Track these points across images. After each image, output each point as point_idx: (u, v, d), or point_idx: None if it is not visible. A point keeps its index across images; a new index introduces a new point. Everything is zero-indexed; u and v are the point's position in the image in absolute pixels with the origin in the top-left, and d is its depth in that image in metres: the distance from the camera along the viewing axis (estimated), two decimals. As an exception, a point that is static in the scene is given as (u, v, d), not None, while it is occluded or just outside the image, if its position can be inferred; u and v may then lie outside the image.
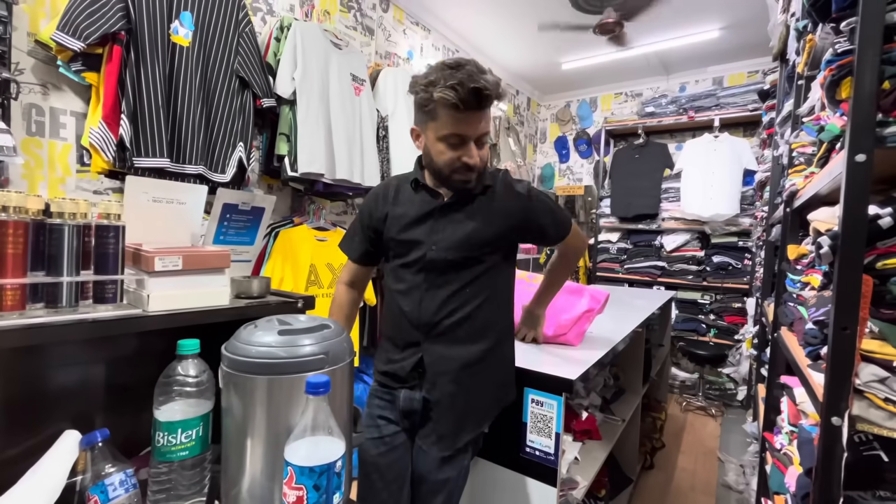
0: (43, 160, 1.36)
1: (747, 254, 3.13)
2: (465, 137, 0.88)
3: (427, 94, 0.86)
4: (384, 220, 1.00)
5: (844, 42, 0.78)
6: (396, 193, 1.02)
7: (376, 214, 1.02)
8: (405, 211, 0.99)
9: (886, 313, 0.70)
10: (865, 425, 0.70)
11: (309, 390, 0.55)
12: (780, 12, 1.81)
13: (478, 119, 0.87)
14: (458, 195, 0.97)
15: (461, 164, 0.90)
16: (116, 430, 0.68)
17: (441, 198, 0.98)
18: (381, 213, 1.01)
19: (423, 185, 0.99)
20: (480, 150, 0.91)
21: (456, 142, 0.88)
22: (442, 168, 0.92)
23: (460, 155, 0.89)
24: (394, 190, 1.02)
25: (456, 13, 2.86)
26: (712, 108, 3.37)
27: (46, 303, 0.63)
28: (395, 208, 1.00)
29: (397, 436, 0.99)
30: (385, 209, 1.01)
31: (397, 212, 0.99)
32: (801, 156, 1.32)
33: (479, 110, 0.86)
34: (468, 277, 0.96)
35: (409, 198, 1.00)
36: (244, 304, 0.81)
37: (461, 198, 0.97)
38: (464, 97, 0.82)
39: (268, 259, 1.80)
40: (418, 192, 0.99)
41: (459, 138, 0.88)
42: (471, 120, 0.86)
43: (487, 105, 0.87)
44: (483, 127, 0.89)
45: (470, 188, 0.95)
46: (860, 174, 0.70)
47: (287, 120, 1.78)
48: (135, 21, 1.36)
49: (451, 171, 0.91)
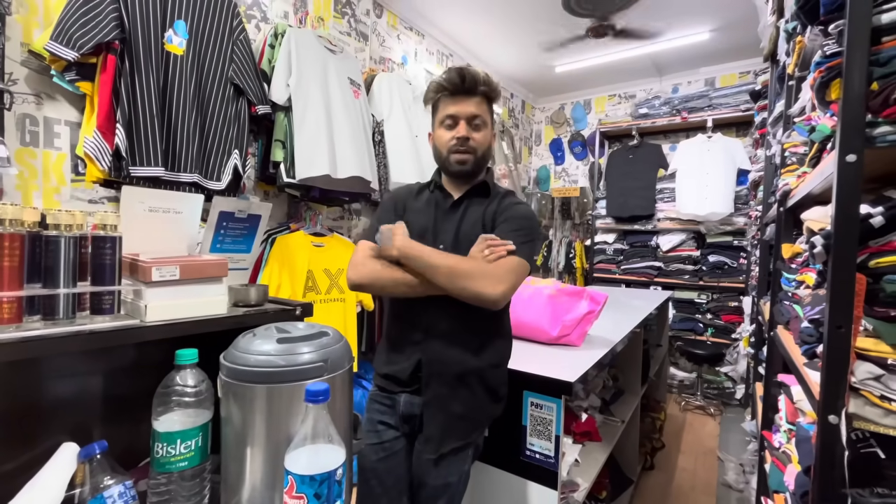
0: (37, 170, 1.36)
1: (742, 253, 3.15)
2: (457, 117, 1.00)
3: (430, 90, 1.03)
4: (405, 210, 1.07)
5: (833, 44, 0.79)
6: (418, 193, 1.10)
7: (399, 205, 1.08)
8: (420, 206, 1.07)
9: (880, 311, 0.71)
10: (862, 423, 0.70)
11: (308, 398, 0.55)
12: (769, 14, 1.83)
13: (466, 100, 0.99)
14: (464, 196, 1.04)
15: (455, 142, 0.99)
16: (115, 442, 0.68)
17: (452, 198, 1.05)
18: (402, 204, 1.08)
19: (439, 185, 1.07)
20: (475, 133, 1.00)
21: (450, 123, 1.00)
22: (442, 151, 1.02)
23: (454, 134, 1.00)
24: (416, 190, 1.11)
25: (450, 18, 2.87)
26: (705, 109, 3.40)
27: (43, 315, 0.62)
28: (413, 203, 1.08)
29: (396, 441, 0.99)
30: (406, 202, 1.08)
31: (414, 206, 1.07)
32: (793, 155, 1.33)
33: (466, 93, 0.99)
34: None
35: (426, 197, 1.08)
36: (242, 313, 0.81)
37: (466, 198, 1.04)
38: (450, 78, 0.99)
39: (265, 266, 1.79)
40: (434, 193, 1.08)
41: (452, 119, 1.00)
42: (460, 101, 0.99)
43: (473, 88, 0.99)
44: (473, 109, 0.99)
45: (467, 170, 1.02)
46: (851, 174, 0.71)
47: (282, 126, 1.78)
48: (129, 30, 1.36)
49: (449, 152, 1.01)
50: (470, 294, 0.88)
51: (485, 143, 1.03)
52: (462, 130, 0.99)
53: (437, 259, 0.90)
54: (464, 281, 0.87)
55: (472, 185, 1.05)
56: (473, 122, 1.00)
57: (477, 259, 0.91)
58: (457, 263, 0.90)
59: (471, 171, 1.03)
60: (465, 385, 0.96)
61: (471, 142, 1.00)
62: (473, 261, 0.91)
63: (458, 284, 0.88)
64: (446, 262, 0.90)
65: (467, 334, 0.97)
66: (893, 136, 0.69)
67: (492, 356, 1.00)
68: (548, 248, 4.15)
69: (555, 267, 4.08)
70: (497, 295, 0.87)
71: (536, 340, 1.43)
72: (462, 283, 0.87)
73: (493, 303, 0.88)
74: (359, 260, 0.98)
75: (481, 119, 1.01)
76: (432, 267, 0.89)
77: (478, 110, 1.00)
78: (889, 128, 0.69)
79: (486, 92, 1.01)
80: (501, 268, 0.90)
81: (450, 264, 0.89)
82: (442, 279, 0.88)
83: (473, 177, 1.05)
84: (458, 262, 0.90)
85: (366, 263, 0.96)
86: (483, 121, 1.01)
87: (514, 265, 0.92)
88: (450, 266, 0.89)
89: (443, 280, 0.88)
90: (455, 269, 0.88)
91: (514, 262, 0.92)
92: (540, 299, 1.46)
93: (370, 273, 0.94)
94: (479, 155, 1.02)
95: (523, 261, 0.94)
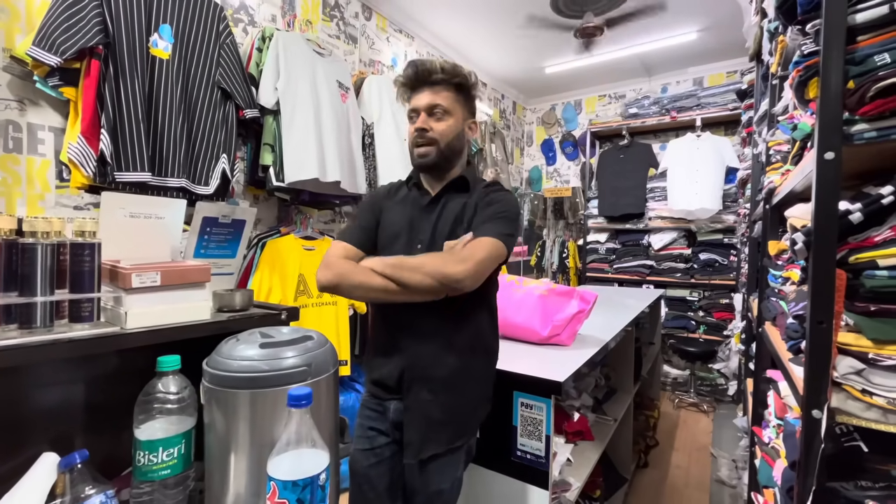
0: (21, 177, 1.34)
1: (732, 250, 3.17)
2: (417, 109, 0.99)
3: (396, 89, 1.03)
4: (381, 211, 1.05)
5: (810, 43, 0.80)
6: (395, 191, 1.09)
7: (377, 206, 1.07)
8: (396, 205, 1.05)
9: (860, 306, 0.71)
10: (845, 417, 0.71)
11: (291, 403, 0.55)
12: (753, 14, 1.85)
13: (424, 92, 0.98)
14: (441, 192, 1.01)
15: (414, 137, 0.99)
16: (96, 451, 0.67)
17: (429, 195, 1.03)
18: (379, 206, 1.07)
19: (416, 183, 1.05)
20: (435, 123, 0.98)
21: (413, 115, 1.00)
22: (410, 145, 1.01)
23: (414, 126, 0.99)
24: (395, 188, 1.10)
25: (439, 20, 2.88)
26: (694, 108, 3.43)
27: (20, 324, 0.61)
28: (390, 202, 1.06)
29: (387, 447, 0.98)
30: (382, 202, 1.07)
31: (391, 205, 1.05)
32: (777, 153, 1.34)
33: (423, 84, 0.98)
34: None
35: (403, 195, 1.07)
36: (226, 318, 0.80)
37: (444, 194, 1.01)
38: (405, 72, 1.00)
39: (255, 270, 1.78)
40: (411, 191, 1.06)
41: (415, 112, 1.00)
42: (419, 94, 0.99)
43: (428, 77, 0.98)
44: (431, 100, 0.98)
45: (429, 162, 0.99)
46: (830, 171, 0.72)
47: (271, 130, 1.78)
48: (113, 35, 1.35)
49: (413, 145, 1.00)
50: (435, 282, 0.84)
51: (449, 133, 0.98)
52: (422, 121, 0.97)
53: (403, 259, 0.88)
54: (427, 269, 0.84)
55: (448, 180, 1.02)
56: (434, 112, 0.97)
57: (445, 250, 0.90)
58: (421, 259, 0.88)
59: (434, 164, 0.98)
60: (448, 389, 0.95)
61: (430, 133, 0.97)
62: (438, 254, 0.90)
63: (423, 274, 0.84)
64: (412, 260, 0.87)
65: (451, 337, 0.95)
66: (870, 133, 0.69)
67: (477, 359, 0.99)
68: (541, 248, 4.16)
69: (548, 267, 4.09)
70: (459, 274, 0.83)
71: (527, 341, 1.43)
72: (426, 271, 0.84)
73: (458, 282, 0.84)
74: (330, 260, 0.93)
75: (441, 108, 0.97)
76: (398, 266, 0.86)
77: (437, 100, 0.97)
78: (866, 125, 0.69)
79: (446, 79, 0.97)
80: (467, 249, 0.87)
81: (414, 262, 0.87)
82: (411, 276, 0.85)
83: (443, 170, 1.01)
84: (423, 258, 0.88)
85: (338, 264, 0.91)
86: (444, 110, 0.97)
87: (479, 244, 0.88)
88: (414, 263, 0.86)
89: (412, 277, 0.85)
90: (419, 264, 0.86)
91: (479, 242, 0.89)
92: (531, 300, 1.46)
93: (340, 273, 0.89)
94: (442, 146, 0.97)
95: (493, 239, 0.90)
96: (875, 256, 0.69)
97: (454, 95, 0.99)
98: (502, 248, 0.91)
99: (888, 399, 0.66)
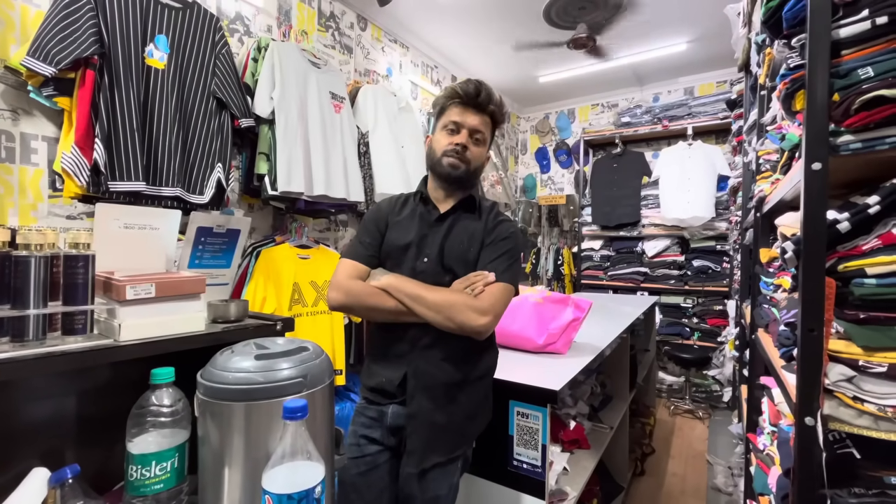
0: (13, 187, 1.33)
1: (725, 257, 3.20)
2: (461, 125, 1.01)
3: (442, 96, 1.04)
4: (387, 226, 1.06)
5: (796, 57, 0.82)
6: (403, 204, 1.09)
7: (382, 222, 1.07)
8: (404, 219, 1.05)
9: (850, 314, 0.73)
10: (837, 424, 0.72)
11: (286, 415, 0.55)
12: (741, 26, 1.89)
13: (474, 113, 1.01)
14: (451, 210, 1.03)
15: (452, 148, 1.00)
16: (88, 465, 0.66)
17: (437, 211, 1.04)
18: (385, 219, 1.07)
19: (425, 197, 1.06)
20: (474, 146, 1.02)
21: (453, 128, 1.01)
22: (437, 153, 1.02)
23: (454, 139, 1.01)
24: (401, 201, 1.10)
25: (434, 30, 2.91)
26: (685, 117, 3.48)
27: (12, 337, 0.61)
28: (397, 217, 1.06)
29: (379, 455, 0.98)
30: (388, 217, 1.07)
31: (398, 220, 1.06)
32: (766, 163, 1.37)
33: (477, 106, 1.01)
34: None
35: (411, 208, 1.07)
36: (221, 329, 0.80)
37: (453, 212, 1.03)
38: (466, 88, 1.00)
39: (249, 279, 1.77)
40: (419, 205, 1.06)
41: (456, 125, 1.01)
42: (468, 112, 1.01)
43: (485, 104, 1.01)
44: (479, 124, 1.01)
45: (457, 175, 1.01)
46: (817, 181, 0.73)
47: (266, 139, 1.78)
48: (108, 45, 1.35)
49: (444, 154, 1.01)
50: (455, 326, 0.90)
51: (480, 158, 1.04)
52: (463, 138, 1.00)
53: (423, 292, 0.92)
54: (448, 312, 0.90)
55: (459, 199, 1.05)
56: (475, 136, 1.02)
57: (461, 291, 0.94)
58: (442, 297, 0.92)
59: (458, 179, 1.02)
60: (450, 398, 0.96)
61: (468, 152, 1.01)
62: (458, 293, 0.93)
63: (444, 317, 0.90)
64: (432, 296, 0.91)
65: (453, 346, 0.96)
66: (856, 144, 0.71)
67: (478, 368, 1.00)
68: (536, 255, 4.18)
69: (543, 274, 4.10)
70: (481, 326, 0.90)
71: (523, 349, 1.44)
72: (447, 314, 0.90)
73: (479, 334, 0.92)
74: (341, 280, 0.97)
75: (482, 135, 1.03)
76: (417, 300, 0.91)
77: (482, 126, 1.02)
78: (851, 136, 0.71)
79: (494, 112, 1.03)
80: (486, 299, 0.92)
81: (435, 299, 0.91)
82: (428, 313, 0.91)
83: (461, 187, 1.05)
84: (444, 296, 0.92)
85: (348, 285, 0.96)
86: (483, 138, 1.03)
87: (499, 292, 0.94)
88: (435, 301, 0.91)
89: (429, 314, 0.90)
90: (440, 303, 0.91)
91: (498, 290, 0.94)
92: (526, 308, 1.46)
93: (353, 295, 0.94)
94: (471, 168, 1.02)
95: (507, 285, 0.96)
96: (863, 265, 0.71)
97: (492, 127, 1.06)
98: (514, 292, 0.99)
99: (879, 406, 0.67)
